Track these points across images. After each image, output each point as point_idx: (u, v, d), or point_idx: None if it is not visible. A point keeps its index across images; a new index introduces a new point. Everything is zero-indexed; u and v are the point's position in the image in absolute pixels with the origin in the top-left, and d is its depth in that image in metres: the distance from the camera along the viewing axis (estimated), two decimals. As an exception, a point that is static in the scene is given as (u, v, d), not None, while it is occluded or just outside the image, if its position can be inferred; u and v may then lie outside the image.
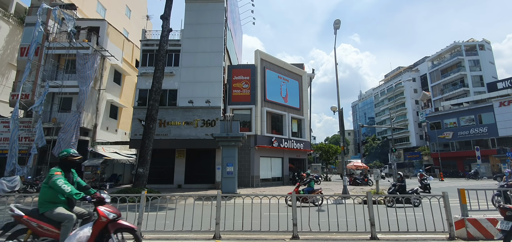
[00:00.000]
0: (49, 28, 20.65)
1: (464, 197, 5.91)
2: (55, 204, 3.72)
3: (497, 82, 43.62)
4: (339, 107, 16.21)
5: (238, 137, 15.32)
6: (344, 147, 16.16)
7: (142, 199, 5.81)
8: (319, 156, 38.96)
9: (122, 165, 23.16)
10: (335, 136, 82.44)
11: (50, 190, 3.73)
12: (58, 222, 3.66)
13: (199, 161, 20.21)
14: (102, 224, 3.77)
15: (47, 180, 3.76)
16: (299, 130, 25.72)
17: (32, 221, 3.64)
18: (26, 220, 3.65)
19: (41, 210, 3.71)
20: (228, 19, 23.97)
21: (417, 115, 59.65)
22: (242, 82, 22.46)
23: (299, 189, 11.51)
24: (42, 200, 3.73)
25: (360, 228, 5.88)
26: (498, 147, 37.81)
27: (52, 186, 3.69)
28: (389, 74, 77.55)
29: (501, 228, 4.45)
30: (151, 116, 14.35)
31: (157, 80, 14.83)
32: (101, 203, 3.87)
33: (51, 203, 3.72)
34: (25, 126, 18.69)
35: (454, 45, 51.50)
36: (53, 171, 3.79)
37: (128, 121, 25.38)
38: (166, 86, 20.31)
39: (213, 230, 5.67)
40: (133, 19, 35.06)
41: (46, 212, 3.68)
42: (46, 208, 3.69)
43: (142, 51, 21.76)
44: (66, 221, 3.64)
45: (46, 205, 3.70)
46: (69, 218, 3.68)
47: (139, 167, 13.81)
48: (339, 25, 15.34)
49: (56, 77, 20.35)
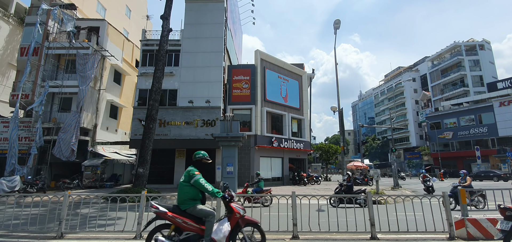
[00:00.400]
0: (49, 28, 20.65)
1: (464, 197, 5.91)
2: (195, 201, 3.98)
3: (497, 82, 43.63)
4: (339, 107, 16.22)
5: (238, 137, 15.33)
6: (344, 147, 16.17)
7: (142, 199, 5.80)
8: (319, 156, 38.97)
9: (122, 165, 23.18)
10: (335, 136, 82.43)
11: (192, 188, 3.98)
12: (199, 217, 3.94)
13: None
14: (236, 220, 4.08)
15: (188, 179, 3.99)
16: (299, 130, 25.72)
17: (177, 218, 3.88)
18: (171, 216, 3.89)
19: (182, 207, 3.96)
20: (228, 19, 23.97)
21: (417, 115, 59.65)
22: (242, 82, 22.46)
23: (247, 189, 11.26)
24: (184, 198, 3.97)
25: (360, 228, 5.88)
26: (498, 147, 37.82)
27: (194, 185, 3.95)
28: (389, 74, 77.58)
29: (501, 228, 4.45)
30: (151, 116, 14.35)
31: (157, 80, 14.82)
32: (231, 201, 4.15)
33: (193, 200, 3.97)
34: (25, 126, 18.68)
35: (454, 45, 51.51)
36: (193, 171, 4.04)
37: (128, 121, 25.39)
38: (166, 86, 20.30)
39: (213, 230, 5.67)
40: (133, 19, 35.07)
41: (188, 208, 3.94)
42: (188, 205, 3.95)
43: (142, 51, 21.76)
44: (210, 217, 3.91)
45: (188, 202, 3.96)
46: (212, 214, 3.95)
47: (139, 167, 13.80)
48: (339, 25, 15.35)
49: (56, 77, 20.35)
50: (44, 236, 5.76)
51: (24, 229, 5.97)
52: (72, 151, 18.26)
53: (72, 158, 18.38)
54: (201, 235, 3.90)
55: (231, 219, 4.05)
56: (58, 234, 5.62)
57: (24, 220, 6.72)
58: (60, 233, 5.62)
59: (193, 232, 3.90)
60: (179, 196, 4.01)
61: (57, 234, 5.63)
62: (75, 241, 5.50)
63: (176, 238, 3.92)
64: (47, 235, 5.77)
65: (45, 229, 6.15)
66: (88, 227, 6.18)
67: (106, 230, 5.90)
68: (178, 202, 4.02)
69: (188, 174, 4.02)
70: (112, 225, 6.77)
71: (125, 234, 5.68)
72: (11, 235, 5.84)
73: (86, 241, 5.51)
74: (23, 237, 5.72)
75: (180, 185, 4.05)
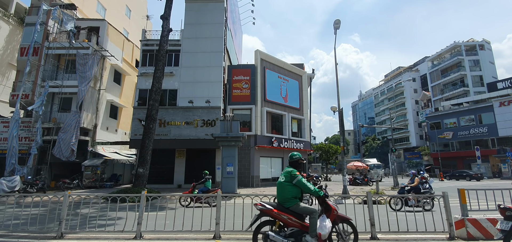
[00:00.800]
0: (49, 28, 20.65)
1: (464, 197, 5.91)
2: (297, 200, 4.25)
3: (497, 82, 43.62)
4: (339, 108, 16.21)
5: (238, 137, 15.33)
6: (344, 147, 16.16)
7: (142, 199, 5.80)
8: (319, 156, 38.96)
9: (122, 165, 23.18)
10: (335, 136, 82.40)
11: (294, 187, 4.25)
12: (300, 214, 4.21)
13: (199, 161, 20.20)
14: (334, 216, 4.34)
15: (289, 179, 4.28)
16: (299, 130, 25.72)
17: (283, 214, 4.16)
18: (277, 213, 4.18)
19: (286, 204, 4.23)
20: (228, 19, 23.97)
21: (417, 115, 59.64)
22: (242, 82, 22.45)
23: (193, 189, 11.12)
24: (288, 197, 4.24)
25: (360, 228, 5.86)
26: (498, 147, 37.80)
27: (297, 184, 4.23)
28: (389, 74, 77.58)
29: (501, 228, 4.45)
30: (151, 116, 14.35)
31: (157, 80, 14.83)
32: (327, 198, 4.43)
33: (295, 199, 4.24)
34: (25, 126, 18.69)
35: (454, 45, 51.51)
36: (294, 172, 4.32)
37: (128, 121, 25.39)
38: (166, 86, 20.31)
39: (213, 230, 5.67)
40: (133, 19, 35.07)
41: (292, 206, 4.21)
42: (292, 203, 4.22)
43: (142, 51, 21.76)
44: (314, 214, 4.14)
45: (291, 201, 4.22)
46: (316, 211, 4.20)
47: (139, 167, 13.81)
48: (339, 25, 15.34)
49: (56, 77, 20.35)
50: (44, 236, 5.76)
51: (24, 229, 5.97)
52: (72, 151, 18.27)
53: (72, 158, 18.37)
54: (302, 231, 4.15)
55: (329, 215, 4.29)
56: (58, 234, 5.62)
57: (24, 220, 6.72)
58: (60, 233, 5.62)
59: (297, 228, 4.16)
60: (281, 195, 4.29)
61: (57, 234, 5.63)
62: (75, 241, 5.50)
63: (283, 233, 4.18)
64: (47, 235, 5.77)
65: (45, 229, 6.15)
66: (88, 227, 6.18)
67: (106, 230, 5.90)
68: (280, 200, 4.30)
69: (289, 174, 4.30)
70: (112, 225, 6.77)
71: (125, 234, 5.68)
72: (11, 235, 5.83)
73: (86, 241, 5.51)
74: (23, 237, 5.72)
75: (280, 184, 4.34)
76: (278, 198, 4.37)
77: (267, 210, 4.21)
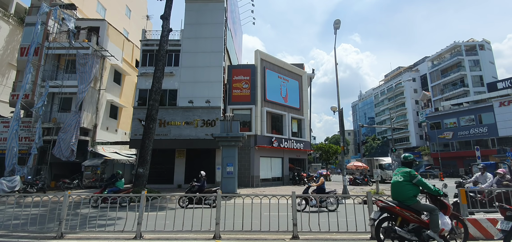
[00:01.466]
0: (49, 28, 20.64)
1: (464, 197, 5.91)
2: (416, 198, 4.60)
3: (497, 82, 43.59)
4: (339, 108, 16.21)
5: (238, 137, 15.32)
6: (344, 147, 16.16)
7: (142, 199, 5.80)
8: (319, 156, 38.98)
9: (122, 165, 23.17)
10: (335, 136, 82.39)
11: (414, 187, 4.61)
12: (418, 211, 4.55)
13: (199, 161, 20.20)
14: (449, 213, 4.61)
15: (409, 179, 4.63)
16: (299, 130, 25.71)
17: (405, 211, 4.53)
18: (400, 211, 4.55)
19: (407, 203, 4.58)
20: (228, 19, 23.96)
21: (417, 115, 59.62)
22: (242, 82, 22.45)
23: (103, 190, 10.98)
24: (409, 195, 4.58)
25: (360, 228, 5.87)
26: (498, 147, 37.78)
27: (417, 184, 4.59)
28: (389, 74, 77.56)
29: (501, 228, 4.45)
30: (151, 116, 14.35)
31: (157, 80, 14.82)
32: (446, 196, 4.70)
33: (415, 197, 4.59)
34: (25, 126, 18.68)
35: (454, 45, 51.49)
36: (413, 172, 4.67)
37: (128, 121, 25.38)
38: (166, 86, 20.30)
39: (213, 230, 5.67)
40: (133, 19, 35.07)
41: (412, 204, 4.56)
42: (413, 201, 4.56)
43: (142, 51, 21.75)
44: (435, 211, 4.42)
45: (412, 199, 4.57)
46: (436, 208, 4.48)
47: (139, 167, 13.81)
48: (339, 25, 15.34)
49: (56, 77, 20.35)
50: (44, 236, 5.76)
51: (24, 229, 5.96)
52: (72, 151, 18.26)
53: (72, 158, 18.37)
54: (421, 227, 4.47)
55: (446, 213, 4.57)
56: (58, 234, 5.62)
57: (24, 220, 6.72)
58: (60, 233, 5.62)
59: (417, 224, 4.49)
60: (401, 194, 4.65)
61: (57, 234, 5.63)
62: (75, 241, 5.49)
63: (406, 228, 4.53)
64: (47, 235, 5.77)
65: (45, 229, 6.15)
66: (88, 227, 6.19)
67: (106, 230, 5.90)
68: (400, 199, 4.65)
69: (408, 174, 4.65)
70: (112, 225, 6.77)
71: (125, 234, 5.68)
72: (11, 235, 5.83)
73: (86, 241, 5.51)
74: (23, 237, 5.72)
75: (398, 184, 4.71)
76: (396, 196, 4.73)
77: (390, 207, 4.62)
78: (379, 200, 4.82)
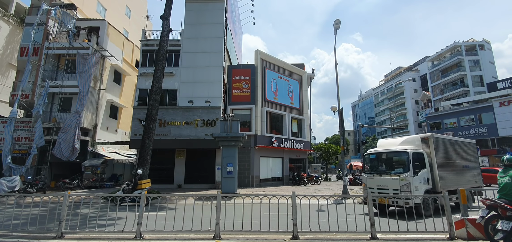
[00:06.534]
0: (49, 28, 20.64)
1: (464, 197, 5.91)
2: None
3: (497, 82, 43.59)
4: (339, 108, 16.21)
5: (238, 137, 15.32)
6: (344, 147, 16.16)
7: (142, 199, 5.80)
8: (319, 156, 38.96)
9: (122, 165, 23.16)
10: (335, 136, 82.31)
11: None
12: None
13: (199, 161, 20.21)
14: None
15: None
16: (299, 130, 25.71)
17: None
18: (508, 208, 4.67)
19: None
20: (228, 19, 23.96)
21: (417, 116, 59.62)
22: (242, 82, 22.45)
23: None
24: None
25: (360, 228, 5.88)
26: (498, 147, 37.79)
27: None
28: (389, 74, 77.55)
29: (501, 228, 4.45)
30: (151, 116, 14.34)
31: (157, 80, 14.81)
32: None
33: None
34: (25, 126, 18.68)
35: (454, 45, 51.50)
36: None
37: (128, 121, 25.38)
38: (166, 86, 20.30)
39: (213, 230, 5.67)
40: (133, 19, 35.06)
41: None
42: None
43: (142, 51, 21.75)
44: None
45: None
46: None
47: (139, 167, 13.80)
48: (339, 25, 15.35)
49: (56, 77, 20.35)
50: (44, 236, 5.76)
51: (24, 229, 5.97)
52: (72, 151, 18.22)
53: (72, 158, 18.36)
54: None
55: None
56: (58, 234, 5.62)
57: (24, 220, 6.72)
58: (60, 233, 5.62)
59: None
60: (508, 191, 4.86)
61: (57, 234, 5.63)
62: (75, 241, 5.49)
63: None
64: (47, 235, 5.77)
65: (45, 229, 6.15)
66: (88, 227, 6.19)
67: (106, 230, 5.91)
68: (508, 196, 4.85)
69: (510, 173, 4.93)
70: (112, 225, 6.77)
71: (125, 234, 5.68)
72: (11, 235, 5.84)
73: (86, 241, 5.51)
74: (23, 237, 5.72)
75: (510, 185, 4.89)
76: (504, 196, 4.91)
77: (498, 205, 4.77)
78: (486, 199, 5.05)
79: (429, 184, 9.16)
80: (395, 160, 9.69)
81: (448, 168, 9.84)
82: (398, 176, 8.96)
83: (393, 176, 9.20)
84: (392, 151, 9.87)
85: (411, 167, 8.78)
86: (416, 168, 8.86)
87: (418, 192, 8.65)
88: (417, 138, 10.10)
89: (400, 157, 9.40)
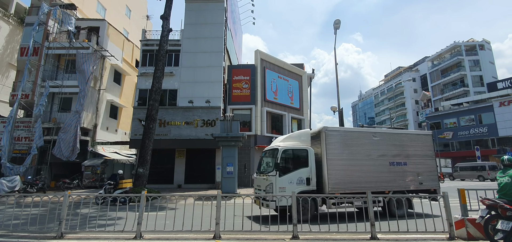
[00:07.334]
0: (49, 28, 20.64)
1: (464, 197, 5.91)
2: None
3: (497, 82, 43.62)
4: (339, 108, 16.23)
5: (238, 137, 15.33)
6: (344, 147, 16.13)
7: (142, 199, 5.80)
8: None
9: (122, 165, 23.16)
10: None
11: None
12: None
13: (199, 161, 20.21)
14: None
15: None
16: (299, 130, 25.69)
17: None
18: (508, 208, 4.65)
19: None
20: (228, 19, 23.96)
21: (417, 115, 59.64)
22: (242, 82, 22.45)
23: None
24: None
25: (360, 228, 5.88)
26: (498, 147, 37.80)
27: None
28: (389, 74, 77.57)
29: (501, 228, 4.45)
30: (151, 116, 14.35)
31: (157, 80, 14.83)
32: None
33: None
34: (25, 126, 18.68)
35: (454, 45, 51.52)
36: None
37: (128, 121, 25.39)
38: (166, 86, 20.30)
39: (213, 230, 5.67)
40: (133, 19, 35.07)
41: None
42: None
43: (142, 51, 21.75)
44: None
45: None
46: None
47: (139, 167, 13.81)
48: (339, 25, 15.36)
49: (56, 77, 20.35)
50: (44, 236, 5.76)
51: (24, 229, 5.97)
52: (72, 151, 18.22)
53: (72, 158, 18.36)
54: None
55: None
56: (58, 234, 5.62)
57: (24, 220, 6.71)
58: (60, 233, 5.62)
59: None
60: (507, 190, 4.86)
61: (57, 234, 5.63)
62: (75, 241, 5.50)
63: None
64: (47, 235, 5.77)
65: (45, 229, 6.15)
66: (88, 227, 6.18)
67: (106, 230, 5.90)
68: (506, 196, 4.85)
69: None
70: (112, 225, 6.77)
71: (125, 234, 5.68)
72: (11, 235, 5.84)
73: (86, 241, 5.51)
74: (23, 237, 5.72)
75: (508, 184, 4.89)
76: (503, 196, 4.90)
77: (498, 205, 4.75)
78: (485, 198, 5.01)
79: (309, 185, 8.10)
80: (268, 159, 8.89)
81: (349, 167, 8.41)
82: (266, 176, 8.28)
83: (263, 175, 8.56)
84: (269, 148, 9.19)
85: (274, 166, 8.06)
86: (286, 167, 8.14)
87: (287, 193, 7.52)
88: (306, 133, 9.29)
89: (273, 154, 8.50)
